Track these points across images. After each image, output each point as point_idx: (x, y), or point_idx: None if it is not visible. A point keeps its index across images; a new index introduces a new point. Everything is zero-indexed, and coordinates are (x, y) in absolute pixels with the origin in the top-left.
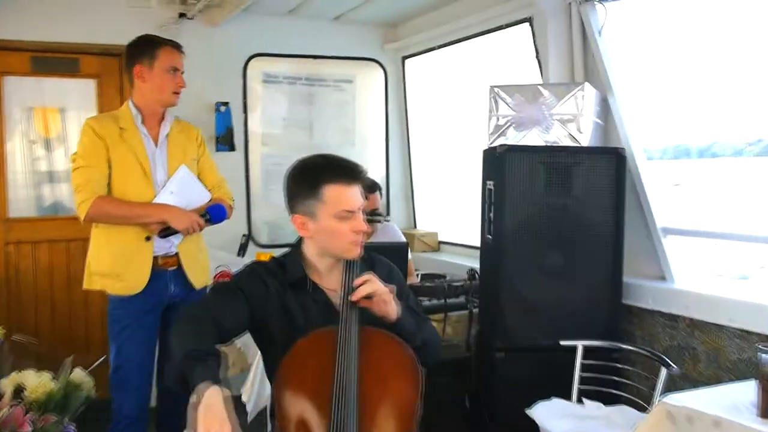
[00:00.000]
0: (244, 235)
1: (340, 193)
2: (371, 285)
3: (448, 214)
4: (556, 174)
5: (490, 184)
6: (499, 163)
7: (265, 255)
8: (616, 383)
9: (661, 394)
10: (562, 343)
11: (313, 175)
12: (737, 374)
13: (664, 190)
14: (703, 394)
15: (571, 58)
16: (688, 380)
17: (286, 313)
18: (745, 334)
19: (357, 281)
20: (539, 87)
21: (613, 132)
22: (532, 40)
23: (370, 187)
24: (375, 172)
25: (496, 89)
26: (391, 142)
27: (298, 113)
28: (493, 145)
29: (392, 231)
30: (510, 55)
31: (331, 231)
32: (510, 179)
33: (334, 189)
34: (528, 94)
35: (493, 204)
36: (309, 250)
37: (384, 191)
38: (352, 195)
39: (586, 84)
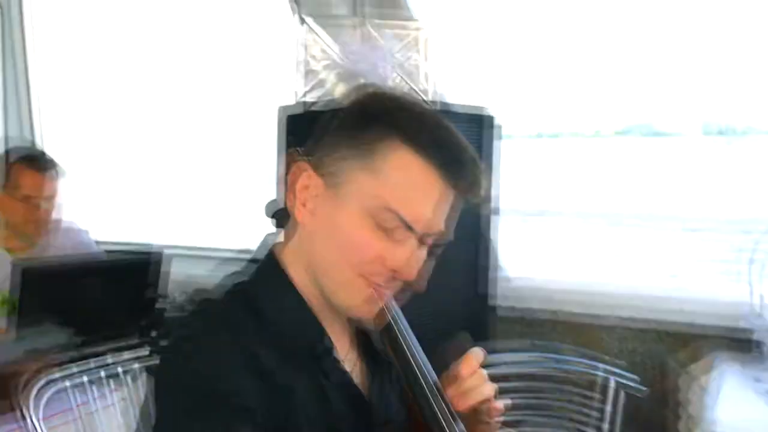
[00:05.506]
0: None
1: None
2: (488, 385)
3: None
4: None
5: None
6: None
7: None
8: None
9: None
10: None
11: None
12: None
13: None
14: None
15: None
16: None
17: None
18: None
19: (465, 364)
20: (369, 21)
21: None
22: None
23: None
24: None
25: (308, 20)
26: (9, 99)
27: None
28: (307, 100)
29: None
30: None
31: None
32: None
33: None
34: (356, 31)
35: None
36: (301, 272)
37: None
38: None
39: (425, 22)
